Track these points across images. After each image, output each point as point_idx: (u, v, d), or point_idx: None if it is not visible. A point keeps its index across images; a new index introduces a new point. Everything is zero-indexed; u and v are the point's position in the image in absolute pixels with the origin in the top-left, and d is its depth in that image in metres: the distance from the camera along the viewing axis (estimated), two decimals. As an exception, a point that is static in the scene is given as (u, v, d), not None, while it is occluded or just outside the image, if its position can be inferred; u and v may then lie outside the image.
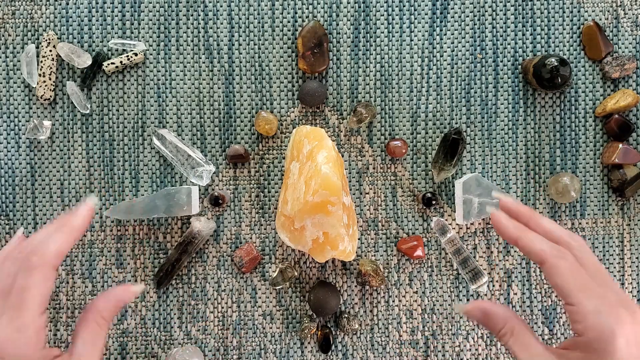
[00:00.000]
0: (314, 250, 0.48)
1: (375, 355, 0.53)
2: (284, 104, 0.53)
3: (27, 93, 0.53)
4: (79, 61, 0.51)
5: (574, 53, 0.53)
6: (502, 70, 0.53)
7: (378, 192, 0.53)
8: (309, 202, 0.45)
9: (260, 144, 0.53)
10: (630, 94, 0.51)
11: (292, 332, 0.53)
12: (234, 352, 0.53)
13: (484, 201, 0.51)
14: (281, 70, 0.53)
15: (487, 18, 0.53)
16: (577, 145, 0.53)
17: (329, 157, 0.46)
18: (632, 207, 0.53)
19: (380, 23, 0.53)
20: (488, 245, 0.53)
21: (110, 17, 0.53)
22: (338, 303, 0.52)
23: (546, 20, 0.53)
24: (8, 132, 0.52)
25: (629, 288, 0.53)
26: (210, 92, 0.53)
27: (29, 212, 0.53)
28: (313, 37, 0.51)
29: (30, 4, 0.52)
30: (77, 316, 0.52)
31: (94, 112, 0.53)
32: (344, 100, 0.53)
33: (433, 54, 0.53)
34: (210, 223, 0.52)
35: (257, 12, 0.53)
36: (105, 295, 0.40)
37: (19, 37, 0.52)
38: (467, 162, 0.53)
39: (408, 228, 0.53)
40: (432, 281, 0.53)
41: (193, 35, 0.53)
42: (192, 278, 0.53)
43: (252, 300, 0.53)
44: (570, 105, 0.53)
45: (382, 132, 0.53)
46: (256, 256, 0.52)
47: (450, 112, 0.53)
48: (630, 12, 0.53)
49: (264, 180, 0.53)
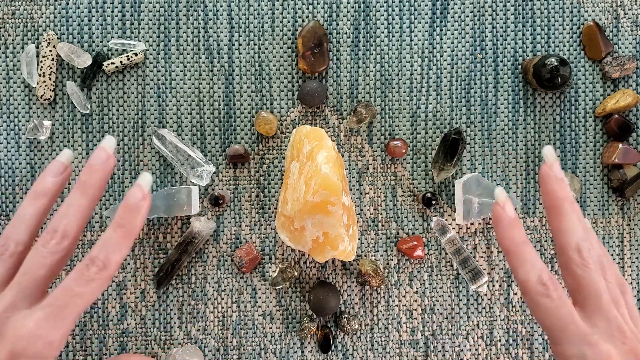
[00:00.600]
0: (314, 250, 0.48)
1: (375, 355, 0.53)
2: (284, 104, 0.53)
3: (27, 93, 0.53)
4: (79, 61, 0.51)
5: (574, 53, 0.53)
6: (502, 70, 0.53)
7: (378, 192, 0.53)
8: (309, 202, 0.45)
9: (260, 144, 0.53)
10: (630, 94, 0.51)
11: (292, 332, 0.53)
12: (234, 352, 0.53)
13: (484, 201, 0.51)
14: (281, 70, 0.53)
15: (487, 18, 0.53)
16: (577, 145, 0.53)
17: (329, 157, 0.46)
18: (632, 207, 0.53)
19: (380, 23, 0.53)
20: (488, 245, 0.53)
21: (110, 17, 0.53)
22: (338, 303, 0.52)
23: (546, 20, 0.53)
24: (8, 132, 0.52)
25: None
26: (210, 92, 0.53)
27: (29, 212, 0.53)
28: (313, 37, 0.51)
29: (30, 4, 0.52)
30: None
31: (94, 112, 0.53)
32: (344, 100, 0.53)
33: (433, 54, 0.53)
34: (210, 223, 0.52)
35: (257, 12, 0.53)
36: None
37: (19, 37, 0.52)
38: (467, 162, 0.53)
39: (408, 228, 0.53)
40: (432, 281, 0.53)
41: (193, 35, 0.53)
42: (192, 278, 0.53)
43: (252, 300, 0.53)
44: (570, 105, 0.53)
45: (382, 132, 0.53)
46: (256, 256, 0.52)
47: (450, 112, 0.53)
48: (630, 12, 0.53)
49: (264, 180, 0.53)
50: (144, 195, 0.36)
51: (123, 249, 0.35)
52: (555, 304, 0.34)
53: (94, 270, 0.34)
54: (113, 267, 0.35)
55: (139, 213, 0.36)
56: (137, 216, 0.36)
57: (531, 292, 0.35)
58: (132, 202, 0.36)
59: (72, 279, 0.34)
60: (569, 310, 0.34)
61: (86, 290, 0.34)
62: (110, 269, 0.35)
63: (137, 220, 0.36)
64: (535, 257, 0.35)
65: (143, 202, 0.36)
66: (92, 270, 0.34)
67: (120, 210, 0.36)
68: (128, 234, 0.35)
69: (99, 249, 0.35)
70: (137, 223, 0.36)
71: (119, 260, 0.35)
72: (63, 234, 0.35)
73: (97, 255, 0.34)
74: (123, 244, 0.35)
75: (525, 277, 0.35)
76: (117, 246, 0.35)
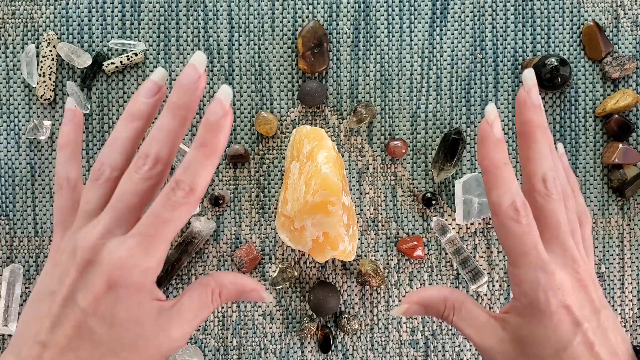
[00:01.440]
0: (314, 250, 0.48)
1: (375, 355, 0.53)
2: (284, 104, 0.53)
3: (27, 93, 0.53)
4: (79, 61, 0.51)
5: (574, 53, 0.53)
6: (502, 70, 0.53)
7: (378, 192, 0.53)
8: (309, 202, 0.45)
9: (260, 144, 0.53)
10: (630, 94, 0.51)
11: (292, 332, 0.53)
12: (234, 352, 0.53)
13: (484, 201, 0.51)
14: (281, 70, 0.53)
15: (487, 18, 0.53)
16: (577, 145, 0.53)
17: (329, 157, 0.46)
18: (632, 207, 0.53)
19: (380, 23, 0.53)
20: (488, 245, 0.53)
21: (110, 17, 0.53)
22: (338, 303, 0.52)
23: (546, 20, 0.53)
24: (8, 132, 0.52)
25: (629, 288, 0.53)
26: (210, 92, 0.53)
27: (29, 212, 0.53)
28: (313, 37, 0.51)
29: (30, 4, 0.52)
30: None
31: (94, 112, 0.53)
32: (344, 100, 0.53)
33: (433, 54, 0.53)
34: (210, 223, 0.52)
35: (257, 12, 0.53)
36: (236, 278, 0.37)
37: (19, 37, 0.52)
38: (467, 162, 0.53)
39: (408, 228, 0.53)
40: (432, 281, 0.53)
41: (193, 35, 0.53)
42: (192, 278, 0.53)
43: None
44: (570, 105, 0.53)
45: (382, 132, 0.53)
46: (256, 256, 0.52)
47: (450, 112, 0.53)
48: (630, 12, 0.53)
49: (264, 180, 0.53)
50: (225, 111, 0.33)
51: (209, 170, 0.33)
52: (523, 230, 0.34)
53: (180, 194, 0.32)
54: (200, 189, 0.33)
55: (222, 130, 0.33)
56: (220, 134, 0.33)
57: (501, 215, 0.35)
58: (212, 119, 0.33)
59: (160, 204, 0.33)
60: (534, 238, 0.35)
61: (174, 216, 0.33)
62: (197, 192, 0.33)
63: (220, 138, 0.33)
64: (511, 181, 0.35)
65: (224, 119, 0.33)
66: (178, 195, 0.32)
67: (201, 129, 0.33)
68: (212, 153, 0.33)
69: (183, 172, 0.33)
70: (220, 141, 0.33)
71: (205, 182, 0.33)
72: (155, 159, 0.33)
73: (183, 178, 0.32)
74: (208, 164, 0.33)
75: (498, 199, 0.35)
76: (201, 167, 0.33)
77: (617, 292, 0.53)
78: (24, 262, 0.53)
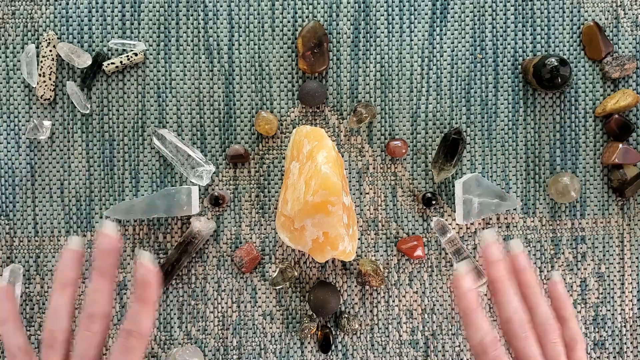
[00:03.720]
0: (314, 250, 0.48)
1: (375, 355, 0.53)
2: (284, 104, 0.53)
3: (27, 93, 0.53)
4: (79, 61, 0.51)
5: (574, 53, 0.53)
6: (502, 70, 0.53)
7: (378, 192, 0.53)
8: (309, 202, 0.45)
9: (260, 144, 0.53)
10: (630, 94, 0.51)
11: (292, 332, 0.53)
12: (234, 352, 0.53)
13: (484, 201, 0.51)
14: (281, 70, 0.53)
15: (487, 18, 0.53)
16: (577, 145, 0.53)
17: (329, 157, 0.46)
18: (632, 207, 0.53)
19: (380, 23, 0.53)
20: (488, 245, 0.53)
21: (110, 17, 0.53)
22: (338, 303, 0.52)
23: (546, 20, 0.53)
24: (8, 132, 0.52)
25: (629, 288, 0.53)
26: (210, 92, 0.53)
27: (29, 212, 0.53)
28: (313, 37, 0.51)
29: (30, 4, 0.52)
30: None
31: (94, 112, 0.53)
32: (344, 100, 0.53)
33: (433, 54, 0.53)
34: (210, 223, 0.52)
35: (257, 12, 0.53)
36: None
37: (19, 37, 0.52)
38: (467, 162, 0.53)
39: (408, 228, 0.53)
40: (432, 281, 0.53)
41: (193, 35, 0.53)
42: (192, 278, 0.53)
43: (252, 300, 0.53)
44: (570, 105, 0.53)
45: (382, 132, 0.53)
46: (256, 256, 0.52)
47: (450, 112, 0.53)
48: (630, 12, 0.53)
49: (264, 180, 0.53)
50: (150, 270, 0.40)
51: (151, 315, 0.40)
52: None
53: (133, 341, 0.39)
54: (147, 332, 0.39)
55: (152, 286, 0.40)
56: (150, 288, 0.40)
57: (473, 349, 0.40)
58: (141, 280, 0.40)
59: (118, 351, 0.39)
60: None
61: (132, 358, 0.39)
62: (146, 336, 0.39)
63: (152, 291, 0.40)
64: (482, 322, 0.40)
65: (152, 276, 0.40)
66: (132, 341, 0.39)
67: (136, 287, 0.40)
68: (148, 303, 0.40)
69: (132, 323, 0.39)
70: (153, 293, 0.40)
71: (150, 324, 0.40)
72: (101, 316, 0.39)
73: (132, 327, 0.39)
74: (149, 310, 0.39)
75: (469, 337, 0.40)
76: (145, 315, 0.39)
77: (617, 292, 0.53)
78: (24, 262, 0.53)
